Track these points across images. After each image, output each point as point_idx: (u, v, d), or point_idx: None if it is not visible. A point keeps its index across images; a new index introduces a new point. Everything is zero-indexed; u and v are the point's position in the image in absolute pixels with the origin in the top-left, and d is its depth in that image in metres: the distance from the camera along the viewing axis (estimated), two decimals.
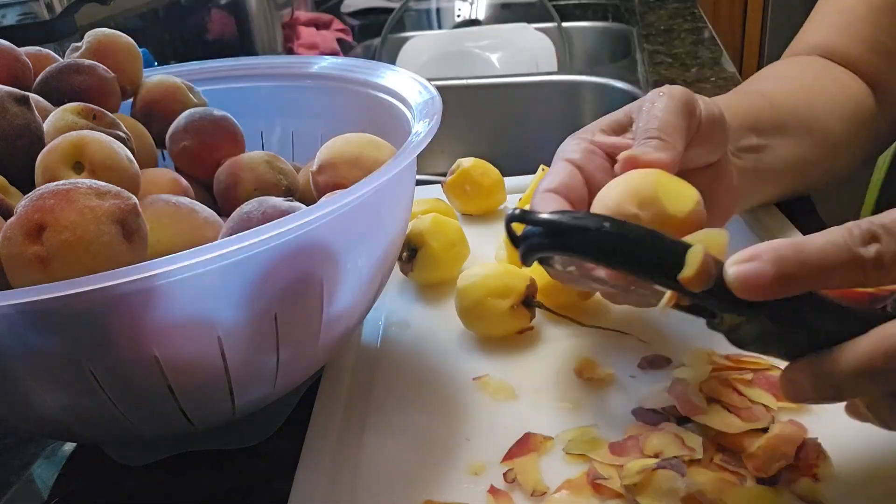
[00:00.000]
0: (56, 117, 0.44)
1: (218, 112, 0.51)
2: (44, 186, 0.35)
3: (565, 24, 1.42)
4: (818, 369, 0.31)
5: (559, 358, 0.48)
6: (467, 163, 0.65)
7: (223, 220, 0.42)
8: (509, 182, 0.67)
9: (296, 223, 0.34)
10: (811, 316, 0.31)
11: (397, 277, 0.58)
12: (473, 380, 0.47)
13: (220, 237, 0.41)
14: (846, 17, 0.63)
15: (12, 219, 0.34)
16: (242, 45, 1.25)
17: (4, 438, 0.49)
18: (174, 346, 0.34)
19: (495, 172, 0.66)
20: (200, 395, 0.38)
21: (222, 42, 1.28)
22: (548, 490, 0.38)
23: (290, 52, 1.33)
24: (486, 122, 1.19)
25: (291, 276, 0.36)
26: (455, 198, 0.66)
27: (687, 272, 0.30)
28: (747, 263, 0.30)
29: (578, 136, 0.45)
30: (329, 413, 0.45)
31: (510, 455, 0.40)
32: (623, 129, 0.45)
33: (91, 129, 0.43)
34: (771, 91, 0.57)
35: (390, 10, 1.48)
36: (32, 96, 0.45)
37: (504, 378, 0.47)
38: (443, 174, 0.68)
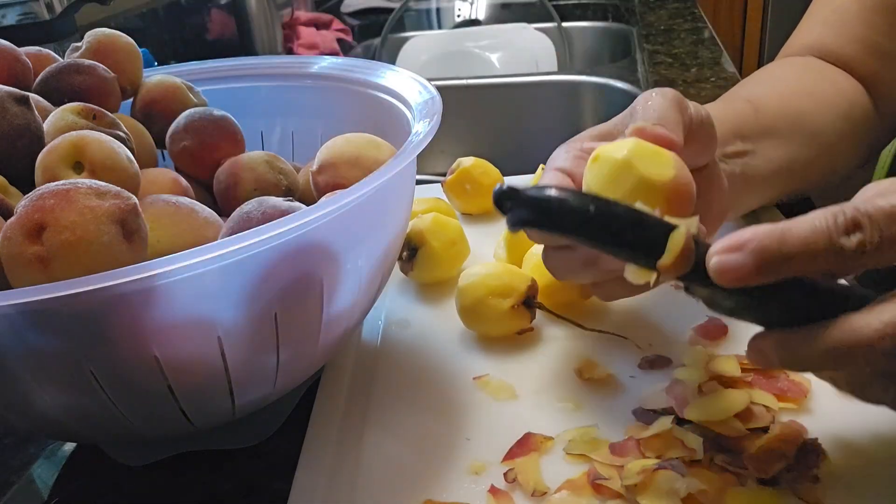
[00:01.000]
0: (56, 117, 0.44)
1: (218, 112, 0.51)
2: (44, 186, 0.35)
3: (565, 24, 1.42)
4: (787, 344, 0.32)
5: (559, 358, 0.48)
6: (467, 162, 0.65)
7: (223, 220, 0.42)
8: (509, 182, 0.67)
9: (296, 223, 0.34)
10: (788, 293, 0.32)
11: (397, 277, 0.58)
12: (473, 379, 0.47)
13: (220, 237, 0.41)
14: (839, 17, 0.62)
15: (12, 219, 0.34)
16: (242, 45, 1.25)
17: (4, 438, 0.49)
18: (174, 346, 0.34)
19: (495, 172, 0.66)
20: (200, 395, 0.38)
21: (222, 42, 1.28)
22: (548, 490, 0.38)
23: (290, 52, 1.33)
24: (486, 122, 1.19)
25: (291, 276, 0.36)
26: (455, 197, 0.66)
27: (666, 259, 0.31)
28: (729, 255, 0.31)
29: (568, 144, 0.45)
30: (329, 413, 0.45)
31: (510, 455, 0.40)
32: (614, 137, 0.45)
33: (91, 129, 0.43)
34: (759, 95, 0.57)
35: (390, 10, 1.48)
36: (32, 96, 0.45)
37: (504, 378, 0.47)
38: (443, 174, 0.68)
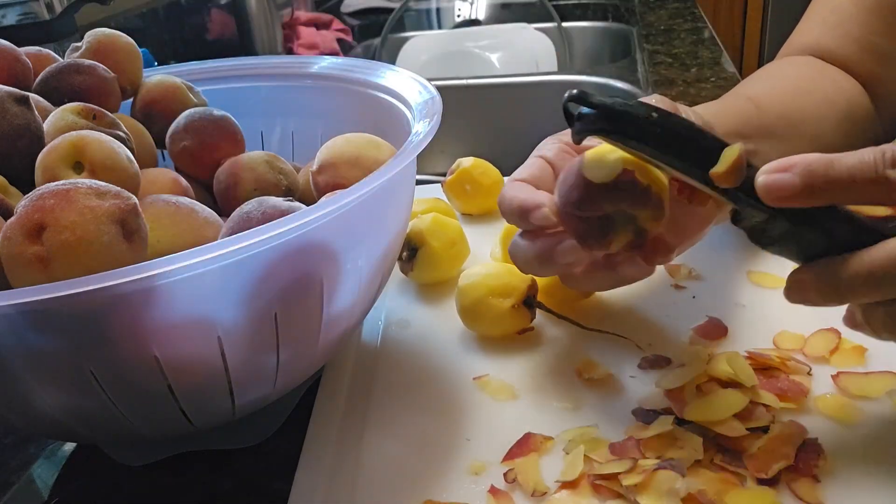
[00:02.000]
0: (56, 117, 0.44)
1: (218, 112, 0.51)
2: (44, 186, 0.35)
3: (565, 24, 1.42)
4: (826, 271, 0.34)
5: (559, 358, 0.48)
6: (467, 162, 0.65)
7: (223, 220, 0.42)
8: None
9: (296, 223, 0.34)
10: (830, 223, 0.34)
11: (397, 277, 0.58)
12: (473, 380, 0.47)
13: (220, 237, 0.41)
14: (837, 17, 0.63)
15: (12, 219, 0.34)
16: (242, 45, 1.25)
17: (4, 438, 0.49)
18: (174, 346, 0.34)
19: (495, 172, 0.66)
20: (200, 395, 0.38)
21: (222, 42, 1.28)
22: (548, 490, 0.38)
23: (290, 52, 1.33)
24: (486, 122, 1.19)
25: (291, 276, 0.36)
26: (455, 197, 0.66)
27: (719, 167, 0.33)
28: (778, 174, 0.32)
29: (556, 137, 0.46)
30: (329, 413, 0.45)
31: (510, 455, 0.40)
32: None
33: (91, 129, 0.43)
34: (760, 94, 0.57)
35: (390, 10, 1.48)
36: (32, 96, 0.45)
37: (504, 378, 0.47)
38: (443, 174, 0.68)
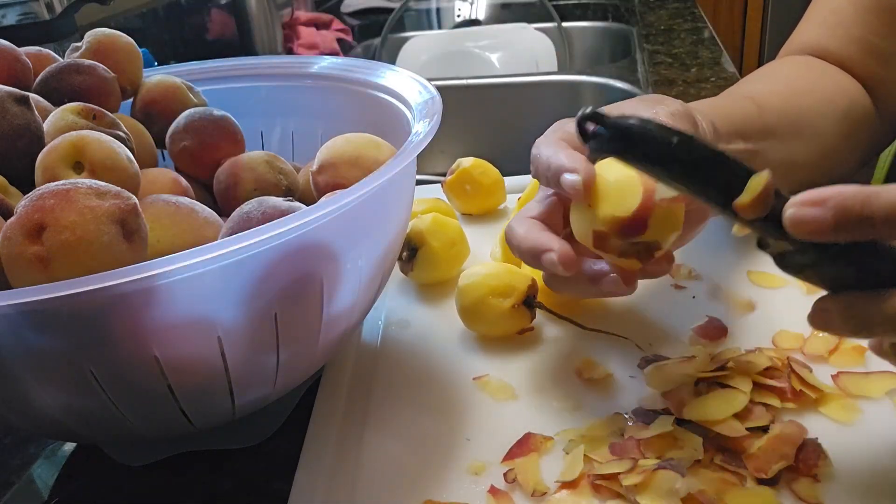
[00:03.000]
0: (56, 117, 0.44)
1: (218, 112, 0.51)
2: (44, 186, 0.35)
3: (565, 24, 1.42)
4: (855, 305, 0.32)
5: (559, 358, 0.48)
6: (467, 162, 0.65)
7: (223, 220, 0.42)
8: (509, 182, 0.67)
9: (296, 223, 0.34)
10: (863, 257, 0.31)
11: (397, 277, 0.58)
12: (473, 380, 0.47)
13: (220, 237, 0.41)
14: (837, 18, 0.62)
15: (12, 219, 0.34)
16: (242, 45, 1.25)
17: (4, 438, 0.49)
18: (174, 346, 0.34)
19: (495, 172, 0.66)
20: (200, 395, 0.38)
21: (222, 42, 1.28)
22: (548, 490, 0.38)
23: (290, 52, 1.33)
24: (486, 122, 1.19)
25: (291, 276, 0.36)
26: (455, 197, 0.66)
27: (744, 198, 0.31)
28: (809, 209, 0.30)
29: (558, 129, 0.45)
30: (329, 413, 0.45)
31: (510, 455, 0.40)
32: None
33: (91, 129, 0.43)
34: (761, 93, 0.56)
35: (390, 10, 1.48)
36: (32, 96, 0.45)
37: (504, 378, 0.47)
38: (443, 174, 0.68)
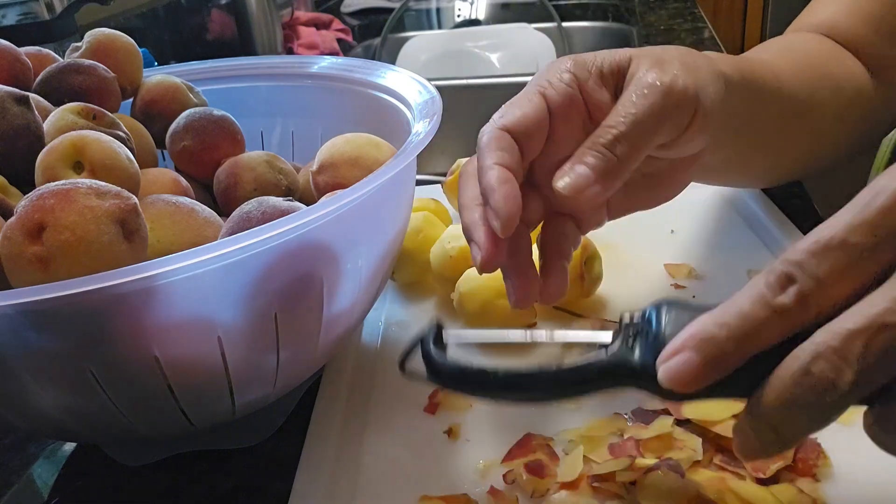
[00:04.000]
0: (56, 117, 0.44)
1: (218, 112, 0.51)
2: (44, 186, 0.35)
3: (565, 24, 1.42)
4: (753, 411, 0.28)
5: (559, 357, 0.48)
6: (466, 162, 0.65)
7: (223, 220, 0.42)
8: None
9: (296, 223, 0.34)
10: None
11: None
12: None
13: (220, 237, 0.41)
14: None
15: (12, 219, 0.34)
16: (242, 45, 1.25)
17: (4, 438, 0.49)
18: (174, 346, 0.34)
19: None
20: (200, 395, 0.38)
21: (222, 42, 1.28)
22: (548, 491, 0.38)
23: (290, 52, 1.33)
24: (486, 122, 1.19)
25: (291, 276, 0.36)
26: (455, 197, 0.66)
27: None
28: (673, 359, 0.28)
29: (572, 69, 0.40)
30: (329, 413, 0.45)
31: (510, 455, 0.40)
32: (621, 77, 0.40)
33: (91, 129, 0.43)
34: (782, 70, 0.54)
35: (390, 10, 1.48)
36: (32, 96, 0.45)
37: None
38: (443, 174, 0.68)
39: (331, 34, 1.41)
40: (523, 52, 1.35)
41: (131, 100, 0.55)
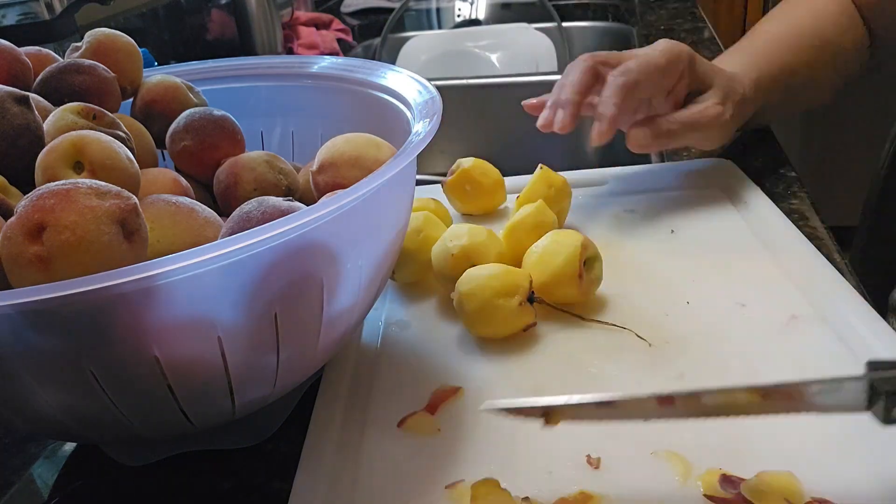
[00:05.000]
0: (56, 117, 0.44)
1: (218, 112, 0.51)
2: (44, 186, 0.35)
3: (565, 24, 1.42)
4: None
5: (559, 355, 0.48)
6: (467, 163, 0.65)
7: (223, 220, 0.42)
8: (509, 182, 0.67)
9: (296, 223, 0.34)
10: None
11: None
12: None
13: (220, 237, 0.41)
14: None
15: (12, 219, 0.34)
16: (242, 45, 1.25)
17: (4, 438, 0.49)
18: (174, 346, 0.34)
19: (495, 172, 0.66)
20: (200, 395, 0.38)
21: (222, 42, 1.28)
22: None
23: (290, 52, 1.33)
24: (486, 122, 1.19)
25: (291, 276, 0.36)
26: (455, 198, 0.66)
27: None
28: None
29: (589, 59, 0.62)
30: (329, 414, 0.45)
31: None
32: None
33: (91, 129, 0.43)
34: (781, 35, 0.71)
35: (390, 10, 1.48)
36: (32, 96, 0.45)
37: (504, 379, 0.47)
38: (443, 174, 0.68)
39: (331, 34, 1.41)
40: (523, 52, 1.35)
41: (131, 100, 0.55)
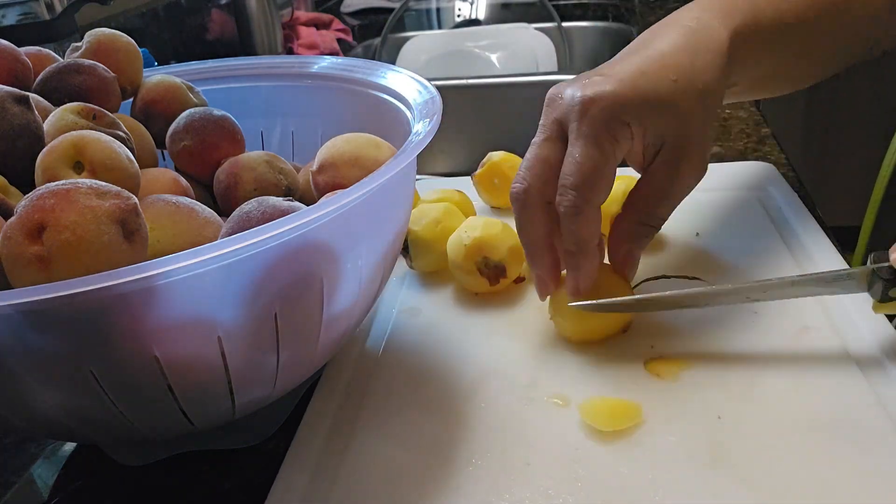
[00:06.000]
0: (56, 117, 0.44)
1: (218, 112, 0.51)
2: (44, 186, 0.35)
3: (565, 24, 1.42)
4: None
5: (573, 351, 0.48)
6: (497, 156, 0.65)
7: (223, 220, 0.42)
8: None
9: (296, 223, 0.34)
10: None
11: (400, 273, 0.58)
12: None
13: (220, 237, 0.41)
14: None
15: (12, 219, 0.34)
16: (242, 45, 1.25)
17: (4, 438, 0.49)
18: (174, 346, 0.34)
19: None
20: (200, 395, 0.38)
21: (222, 42, 1.28)
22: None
23: (290, 52, 1.33)
24: (486, 122, 1.19)
25: (291, 276, 0.36)
26: (484, 190, 0.67)
27: None
28: None
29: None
30: (320, 413, 0.45)
31: None
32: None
33: (91, 129, 0.43)
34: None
35: (390, 10, 1.48)
36: (32, 96, 0.45)
37: (516, 375, 0.47)
38: (443, 174, 0.68)
39: (331, 34, 1.41)
40: (523, 52, 1.35)
41: (131, 100, 0.55)
